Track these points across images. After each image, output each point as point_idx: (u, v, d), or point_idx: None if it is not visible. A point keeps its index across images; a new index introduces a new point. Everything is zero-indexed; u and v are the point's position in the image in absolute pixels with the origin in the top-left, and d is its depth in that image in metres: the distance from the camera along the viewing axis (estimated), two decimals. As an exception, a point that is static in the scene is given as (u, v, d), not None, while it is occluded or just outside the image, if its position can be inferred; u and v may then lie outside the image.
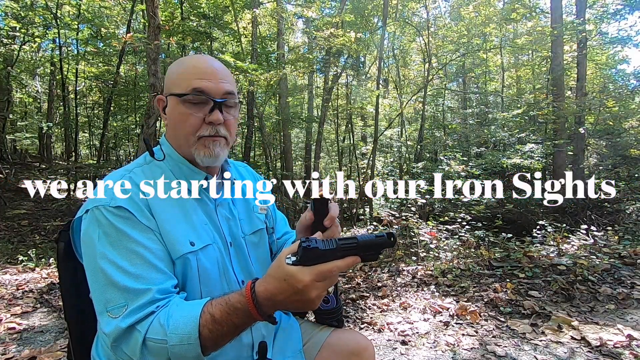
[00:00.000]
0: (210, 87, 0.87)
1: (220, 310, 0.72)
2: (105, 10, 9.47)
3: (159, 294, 0.77)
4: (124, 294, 0.75)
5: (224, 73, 0.92)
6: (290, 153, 11.60)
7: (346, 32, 7.73)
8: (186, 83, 0.87)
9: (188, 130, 0.88)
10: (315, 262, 0.70)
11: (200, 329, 0.71)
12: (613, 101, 8.88)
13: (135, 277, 0.76)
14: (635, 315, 2.59)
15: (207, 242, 0.89)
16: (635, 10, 8.16)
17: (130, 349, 0.73)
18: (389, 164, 11.68)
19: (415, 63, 15.95)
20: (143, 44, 4.82)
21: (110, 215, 0.79)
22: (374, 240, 0.73)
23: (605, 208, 7.35)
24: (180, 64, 0.93)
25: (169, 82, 0.92)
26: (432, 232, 4.27)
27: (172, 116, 0.91)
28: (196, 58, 0.94)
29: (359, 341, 1.09)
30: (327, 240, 0.72)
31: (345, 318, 2.72)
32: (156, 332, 0.72)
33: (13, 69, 9.24)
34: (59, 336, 2.52)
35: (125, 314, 0.73)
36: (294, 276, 0.69)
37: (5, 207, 7.15)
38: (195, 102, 0.87)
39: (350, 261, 0.71)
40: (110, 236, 0.78)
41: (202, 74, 0.88)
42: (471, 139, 10.10)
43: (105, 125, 9.83)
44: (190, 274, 0.85)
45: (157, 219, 0.83)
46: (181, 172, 0.92)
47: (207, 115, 0.88)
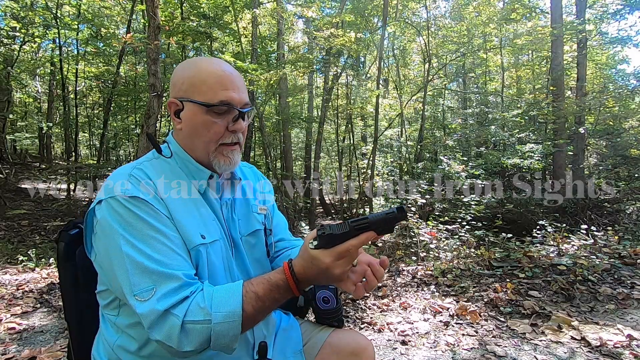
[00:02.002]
0: (234, 99, 0.91)
1: (263, 288, 0.80)
2: (105, 10, 9.46)
3: (188, 279, 0.79)
4: (151, 276, 0.77)
5: (242, 82, 0.96)
6: (290, 153, 11.59)
7: (346, 32, 7.73)
8: (212, 93, 0.89)
9: (212, 138, 0.91)
10: (333, 245, 0.78)
11: (244, 306, 0.77)
12: (613, 101, 8.88)
13: (159, 262, 0.78)
14: (635, 315, 2.59)
15: (215, 237, 0.91)
16: (635, 10, 8.15)
17: (165, 334, 0.74)
18: (389, 164, 11.67)
19: (415, 63, 15.95)
20: (143, 44, 4.82)
21: (128, 203, 0.81)
22: (384, 217, 0.78)
23: (605, 208, 7.34)
24: (199, 70, 0.92)
25: (187, 87, 0.91)
26: (432, 232, 4.27)
27: (192, 123, 0.91)
28: (216, 65, 0.93)
29: (359, 341, 1.09)
30: (341, 224, 0.79)
31: (345, 318, 2.72)
32: (196, 314, 0.75)
33: (13, 69, 9.22)
34: (59, 336, 2.52)
35: (158, 297, 0.75)
36: (317, 258, 0.78)
37: (5, 207, 7.15)
38: (221, 112, 0.90)
39: (364, 237, 0.78)
40: (130, 224, 0.80)
41: (227, 85, 0.90)
42: (471, 139, 10.08)
43: (105, 125, 9.82)
44: (201, 267, 0.87)
45: (170, 209, 0.85)
46: (188, 169, 0.94)
47: (231, 124, 0.92)
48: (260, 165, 10.37)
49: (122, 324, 0.88)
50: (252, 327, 0.82)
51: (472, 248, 4.06)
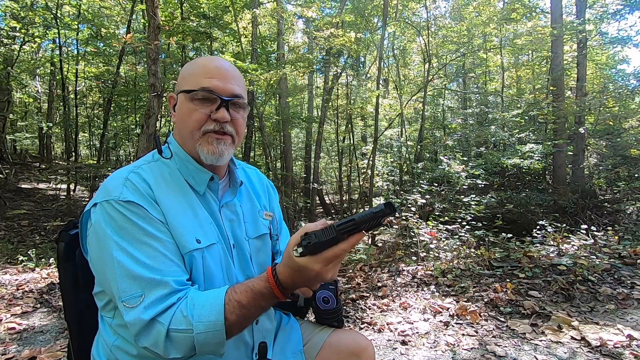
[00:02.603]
0: (218, 86, 0.89)
1: (247, 296, 0.78)
2: (105, 10, 9.46)
3: (177, 285, 0.78)
4: (140, 283, 0.76)
5: (235, 75, 0.94)
6: (290, 153, 11.59)
7: (346, 32, 7.73)
8: (195, 81, 0.90)
9: (193, 125, 0.90)
10: (320, 251, 0.75)
11: (226, 315, 0.76)
12: (613, 101, 8.87)
13: (150, 268, 0.77)
14: (635, 315, 2.59)
15: (212, 240, 0.89)
16: (635, 10, 8.15)
17: (151, 341, 0.75)
18: (389, 164, 11.67)
19: (415, 63, 15.95)
20: (143, 44, 4.81)
21: (122, 208, 0.80)
22: (372, 216, 0.73)
23: (605, 208, 7.35)
24: (193, 64, 0.96)
25: (181, 80, 0.95)
26: (432, 232, 4.27)
27: (179, 112, 0.93)
28: (209, 59, 0.96)
29: (359, 341, 1.09)
30: (326, 229, 0.75)
31: (345, 318, 2.72)
32: (180, 322, 0.75)
33: (13, 69, 9.21)
34: (59, 336, 2.52)
35: (145, 304, 0.75)
36: (305, 267, 0.75)
37: (5, 207, 7.15)
38: (202, 98, 0.89)
39: (354, 240, 0.75)
40: (123, 228, 0.79)
41: (211, 73, 0.90)
42: (471, 139, 10.07)
43: (105, 125, 9.80)
44: (195, 272, 0.85)
45: (165, 214, 0.84)
46: (188, 170, 0.93)
47: (214, 113, 0.89)
48: (260, 165, 10.36)
49: (118, 325, 0.88)
50: (239, 333, 0.81)
51: (472, 248, 4.06)
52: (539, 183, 9.20)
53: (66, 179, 8.72)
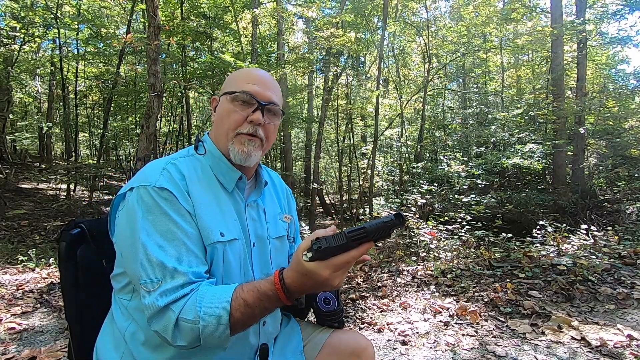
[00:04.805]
0: (258, 92, 0.97)
1: (252, 296, 0.80)
2: (105, 10, 9.46)
3: (194, 277, 0.82)
4: (160, 269, 0.80)
5: (274, 85, 1.02)
6: (290, 153, 11.60)
7: (346, 32, 7.73)
8: (238, 85, 0.98)
9: (230, 125, 0.96)
10: (330, 256, 0.75)
11: (232, 312, 0.78)
12: (613, 101, 8.86)
13: (171, 256, 0.81)
14: (635, 315, 2.59)
15: (234, 236, 0.93)
16: (635, 10, 8.15)
17: (162, 327, 0.79)
18: (389, 164, 11.68)
19: (415, 63, 15.94)
20: (143, 44, 4.81)
21: (155, 194, 0.85)
22: (383, 225, 0.75)
23: (605, 208, 7.35)
24: (238, 71, 1.05)
25: (225, 84, 1.02)
26: (432, 232, 4.27)
27: (219, 112, 1.00)
28: (253, 69, 1.06)
29: (359, 341, 1.10)
30: (337, 235, 0.76)
31: (345, 318, 2.73)
32: (189, 312, 0.78)
33: (13, 69, 9.22)
34: (59, 336, 2.52)
35: (161, 291, 0.79)
36: (314, 272, 0.76)
37: (5, 207, 7.14)
38: (242, 101, 0.96)
39: (364, 249, 0.76)
40: (153, 214, 0.83)
41: (253, 80, 0.98)
42: (471, 139, 10.07)
43: (105, 125, 9.80)
44: (215, 264, 0.89)
45: (194, 206, 0.88)
46: (219, 168, 0.98)
47: (250, 115, 0.96)
48: (260, 165, 10.33)
49: (134, 308, 0.91)
50: (243, 330, 0.83)
51: (472, 248, 4.06)
52: (539, 183, 9.21)
53: (66, 179, 8.71)
